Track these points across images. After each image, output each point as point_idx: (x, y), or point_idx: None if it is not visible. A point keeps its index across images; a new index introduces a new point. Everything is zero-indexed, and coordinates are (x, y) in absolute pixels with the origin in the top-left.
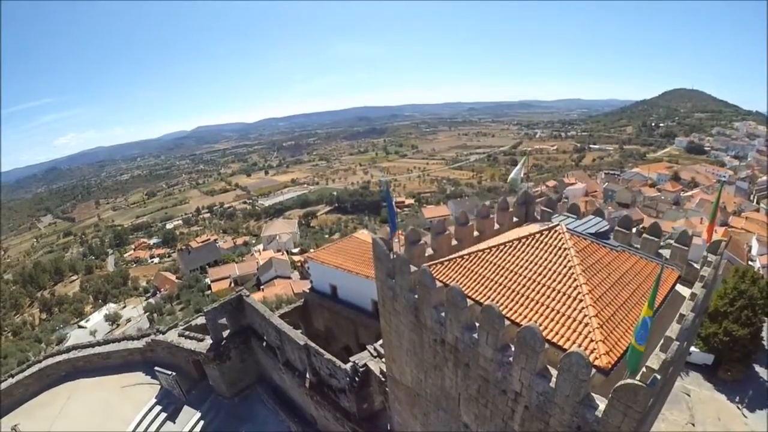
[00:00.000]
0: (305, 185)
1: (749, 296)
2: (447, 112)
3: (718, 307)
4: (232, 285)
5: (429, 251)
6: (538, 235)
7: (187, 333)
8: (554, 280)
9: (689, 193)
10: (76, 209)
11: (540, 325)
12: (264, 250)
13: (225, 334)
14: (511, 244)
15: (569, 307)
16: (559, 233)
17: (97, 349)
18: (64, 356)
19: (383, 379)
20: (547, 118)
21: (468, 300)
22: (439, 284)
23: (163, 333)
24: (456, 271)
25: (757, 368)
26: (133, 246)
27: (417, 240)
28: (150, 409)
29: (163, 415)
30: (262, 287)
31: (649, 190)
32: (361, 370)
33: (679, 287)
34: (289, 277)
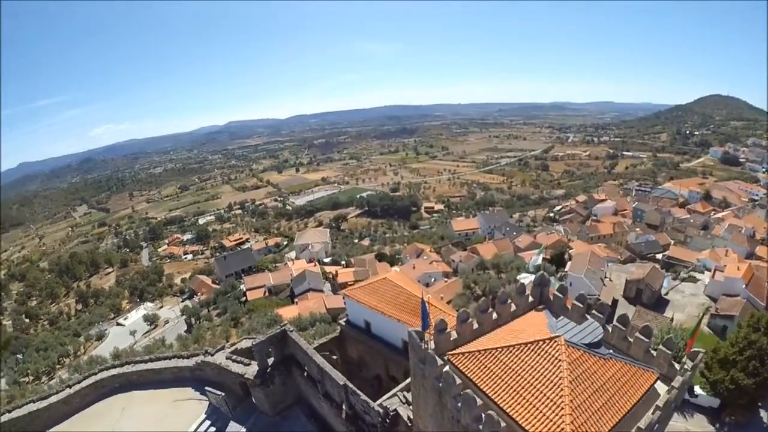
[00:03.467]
0: (336, 184)
1: (759, 347)
2: (477, 113)
3: (728, 355)
4: (267, 294)
5: (454, 335)
6: (541, 343)
7: (234, 357)
8: (547, 387)
9: (720, 215)
10: (111, 200)
11: (529, 424)
12: (297, 258)
13: (270, 360)
14: (519, 347)
15: (553, 412)
16: (558, 345)
17: (150, 365)
18: (119, 370)
19: (410, 424)
20: (579, 122)
21: (478, 395)
22: (458, 379)
23: (212, 355)
24: (473, 363)
25: (762, 413)
26: (167, 241)
27: (444, 328)
28: (200, 424)
29: (212, 429)
30: (296, 300)
31: (679, 211)
32: (391, 414)
33: (658, 384)
34: (322, 291)
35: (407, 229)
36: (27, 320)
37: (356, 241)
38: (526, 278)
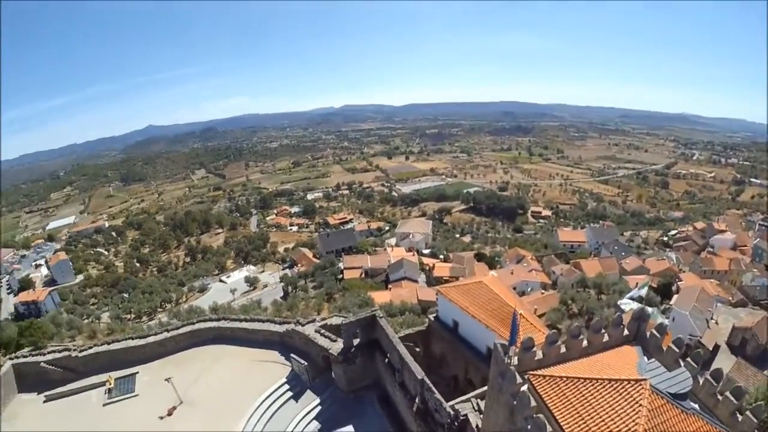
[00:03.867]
0: (443, 176)
1: None
2: (598, 117)
3: None
4: (363, 276)
5: (539, 355)
6: (625, 383)
7: (322, 331)
8: (620, 429)
9: None
10: (227, 167)
11: None
12: (396, 246)
13: (355, 341)
14: (601, 382)
15: None
16: (642, 389)
17: (244, 324)
18: (215, 324)
19: None
20: (706, 138)
21: (550, 421)
22: (533, 401)
23: (303, 325)
24: (552, 388)
25: None
26: (275, 211)
27: (531, 347)
28: (279, 386)
29: (289, 393)
30: (389, 286)
31: None
32: (461, 418)
33: None
34: (416, 281)
35: (510, 231)
36: (138, 264)
37: (457, 236)
38: (627, 305)
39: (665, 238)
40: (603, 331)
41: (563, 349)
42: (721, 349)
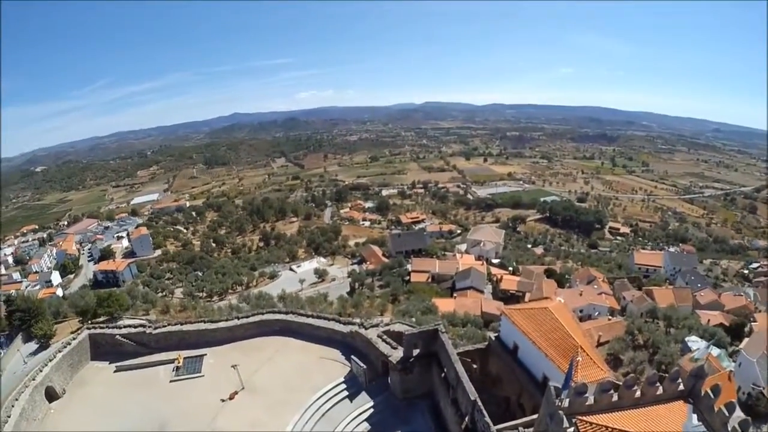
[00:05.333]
0: (521, 182)
1: None
2: (688, 129)
3: None
4: (430, 280)
5: (591, 400)
6: None
7: (384, 337)
8: None
9: None
10: (306, 158)
11: None
12: (466, 252)
13: (415, 351)
14: None
15: None
16: None
17: (311, 320)
18: (283, 316)
19: None
20: None
21: None
22: None
23: (366, 329)
24: None
25: None
26: (349, 204)
27: (583, 392)
28: (337, 385)
29: (345, 393)
30: (455, 294)
31: None
32: None
33: None
34: (482, 292)
35: (585, 246)
36: (214, 244)
37: (529, 246)
38: (695, 343)
39: (746, 271)
40: (658, 384)
41: (615, 398)
42: None
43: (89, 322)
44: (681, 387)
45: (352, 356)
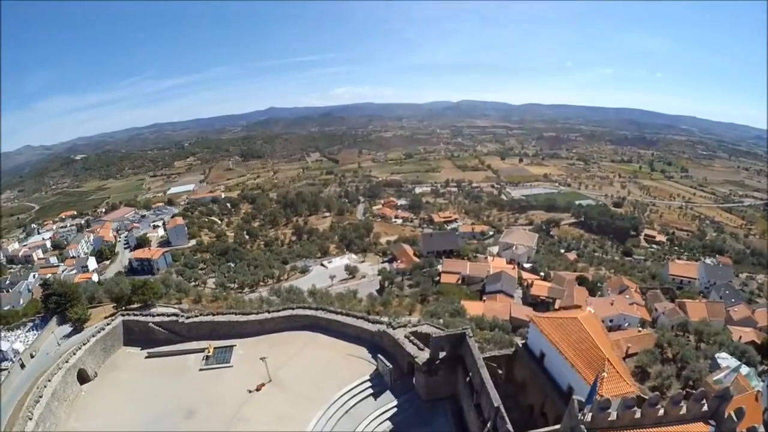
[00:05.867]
0: (557, 184)
1: None
2: (730, 135)
3: None
4: (460, 282)
5: (613, 416)
6: None
7: (411, 338)
8: None
9: None
10: (341, 153)
11: None
12: (498, 255)
13: (441, 354)
14: None
15: None
16: None
17: (340, 318)
18: (313, 312)
19: None
20: None
21: None
22: None
23: (394, 329)
24: None
25: None
26: (382, 201)
27: (606, 407)
28: (362, 383)
29: (369, 391)
30: (484, 297)
31: None
32: None
33: None
34: (512, 296)
35: (619, 253)
36: (247, 236)
37: (562, 251)
38: (725, 360)
39: None
40: (682, 404)
41: (638, 415)
42: None
43: (123, 308)
44: (705, 408)
45: (379, 355)
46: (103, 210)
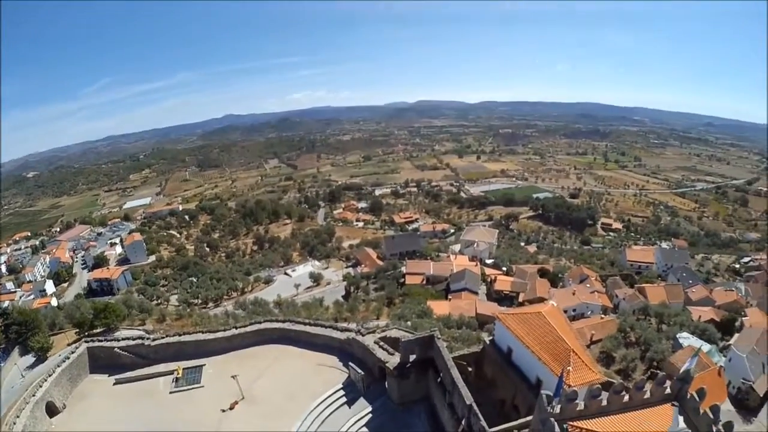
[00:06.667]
0: (514, 179)
1: None
2: (681, 124)
3: None
4: (424, 282)
5: (581, 406)
6: None
7: (381, 343)
8: None
9: None
10: (300, 158)
11: None
12: (460, 253)
13: (411, 357)
14: None
15: None
16: None
17: (308, 328)
18: (281, 325)
19: None
20: None
21: None
22: None
23: (363, 335)
24: None
25: None
26: (342, 205)
27: (573, 399)
28: (336, 391)
29: (344, 399)
30: (450, 296)
31: None
32: None
33: None
34: (476, 293)
35: (578, 243)
36: (208, 249)
37: (522, 244)
38: (686, 340)
39: (737, 266)
40: (645, 388)
41: (604, 402)
42: None
43: (86, 334)
44: (668, 390)
45: (350, 363)
46: (58, 229)
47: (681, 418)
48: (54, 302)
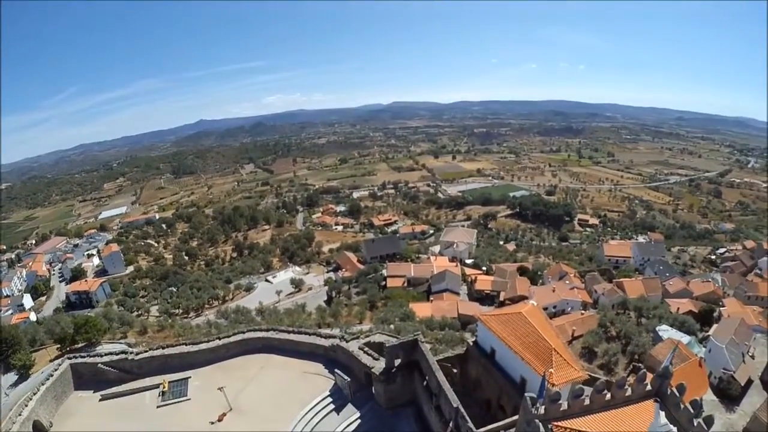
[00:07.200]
0: (490, 178)
1: None
2: (652, 119)
3: None
4: (406, 285)
5: (564, 405)
6: None
7: (366, 349)
8: None
9: None
10: (276, 163)
11: None
12: (440, 254)
13: (396, 362)
14: None
15: None
16: None
17: (292, 336)
18: (264, 334)
19: None
20: (764, 144)
21: None
22: None
23: (347, 341)
24: None
25: None
26: (321, 209)
27: (557, 399)
28: (323, 399)
29: (331, 406)
30: (431, 298)
31: None
32: None
33: None
34: (458, 294)
35: (556, 240)
36: (186, 257)
37: (501, 243)
38: (666, 332)
39: (713, 257)
40: (626, 386)
41: (587, 402)
42: (753, 384)
43: (68, 349)
44: (649, 387)
45: (336, 369)
46: (34, 242)
47: (662, 414)
48: (33, 317)
